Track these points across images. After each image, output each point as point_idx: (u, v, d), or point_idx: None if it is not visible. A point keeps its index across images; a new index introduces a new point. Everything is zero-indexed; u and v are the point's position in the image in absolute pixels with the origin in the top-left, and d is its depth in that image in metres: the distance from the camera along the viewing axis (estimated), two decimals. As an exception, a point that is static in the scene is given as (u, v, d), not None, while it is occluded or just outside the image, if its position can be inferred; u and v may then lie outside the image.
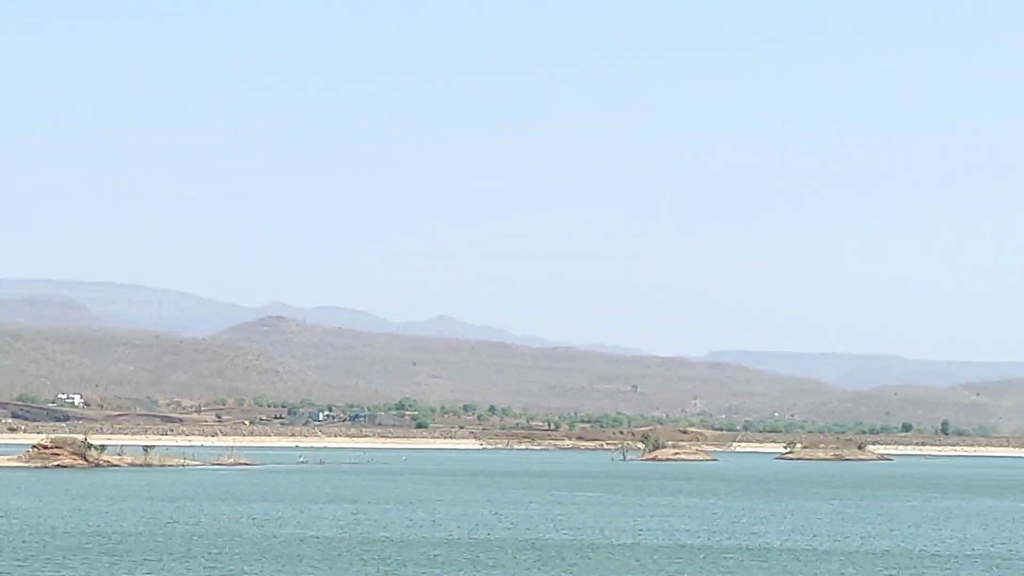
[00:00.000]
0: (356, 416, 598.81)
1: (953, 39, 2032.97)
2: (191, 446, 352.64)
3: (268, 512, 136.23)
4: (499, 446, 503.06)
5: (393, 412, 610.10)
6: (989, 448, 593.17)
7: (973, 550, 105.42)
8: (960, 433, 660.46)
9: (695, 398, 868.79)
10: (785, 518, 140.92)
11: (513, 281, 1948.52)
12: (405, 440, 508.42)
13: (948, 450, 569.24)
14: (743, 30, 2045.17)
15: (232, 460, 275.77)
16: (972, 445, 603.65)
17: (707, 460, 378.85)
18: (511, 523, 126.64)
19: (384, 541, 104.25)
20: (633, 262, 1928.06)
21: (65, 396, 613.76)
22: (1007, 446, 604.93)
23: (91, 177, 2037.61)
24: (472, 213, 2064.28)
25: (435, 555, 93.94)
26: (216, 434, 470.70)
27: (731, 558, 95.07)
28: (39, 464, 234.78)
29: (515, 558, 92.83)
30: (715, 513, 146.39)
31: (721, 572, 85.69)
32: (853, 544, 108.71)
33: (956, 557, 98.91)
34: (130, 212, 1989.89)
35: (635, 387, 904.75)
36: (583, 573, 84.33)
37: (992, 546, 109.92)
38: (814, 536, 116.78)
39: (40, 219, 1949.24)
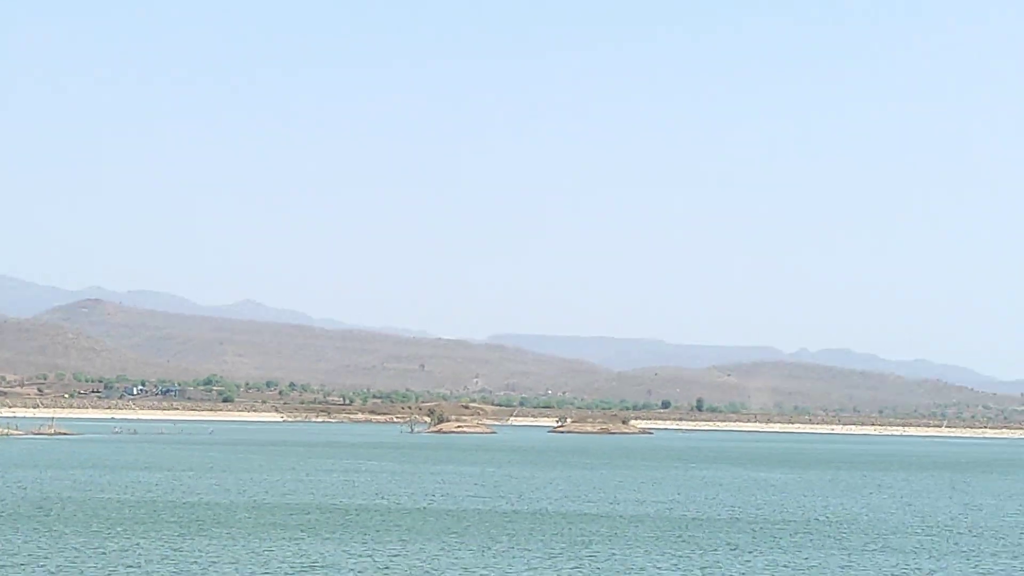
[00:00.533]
0: (167, 391, 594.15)
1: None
2: (14, 417, 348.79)
3: (89, 478, 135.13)
4: (298, 419, 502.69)
5: (201, 387, 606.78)
6: (739, 423, 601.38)
7: (728, 514, 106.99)
8: (713, 410, 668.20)
9: (476, 377, 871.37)
10: (559, 485, 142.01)
11: (313, 268, 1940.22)
12: (212, 413, 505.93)
13: (702, 425, 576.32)
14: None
15: (53, 430, 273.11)
16: (724, 421, 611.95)
17: (487, 433, 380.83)
18: (313, 489, 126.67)
19: (196, 505, 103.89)
20: (422, 252, 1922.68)
21: None
22: (754, 422, 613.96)
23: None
24: (274, 205, 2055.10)
25: (245, 517, 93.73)
26: (38, 406, 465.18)
27: (510, 521, 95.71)
28: None
29: (318, 520, 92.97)
30: (496, 480, 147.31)
31: (501, 534, 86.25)
32: (622, 508, 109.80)
33: (712, 520, 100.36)
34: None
35: (422, 366, 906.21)
36: (378, 534, 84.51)
37: (741, 510, 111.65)
38: (586, 501, 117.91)
39: None
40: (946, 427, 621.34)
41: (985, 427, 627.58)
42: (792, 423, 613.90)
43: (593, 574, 66.77)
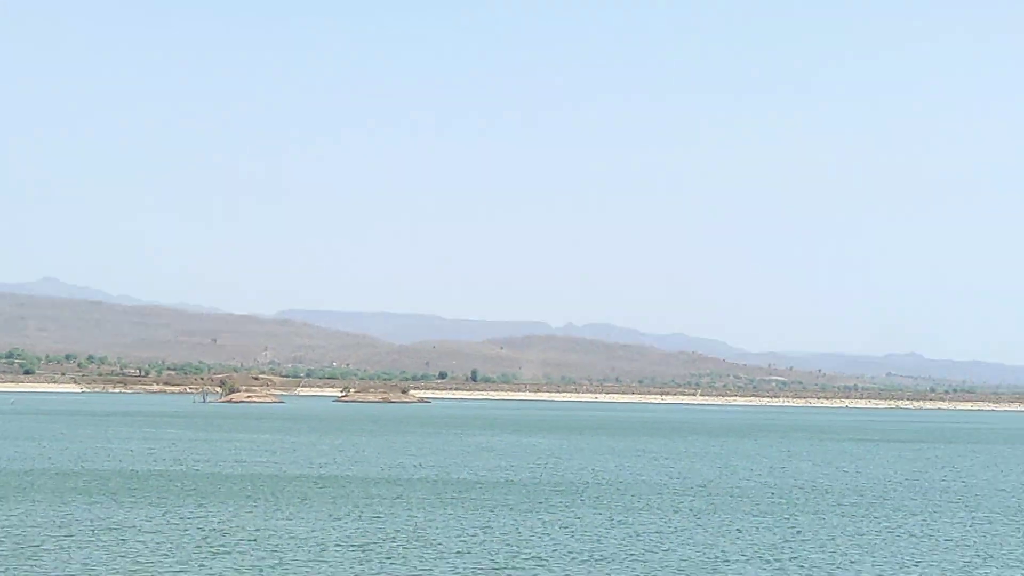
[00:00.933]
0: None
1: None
2: None
3: None
4: (96, 390, 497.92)
5: (3, 360, 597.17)
6: (511, 393, 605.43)
7: (503, 477, 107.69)
8: (487, 380, 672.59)
9: (265, 350, 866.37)
10: (343, 450, 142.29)
11: (108, 246, 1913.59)
12: (14, 384, 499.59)
13: (477, 394, 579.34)
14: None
15: None
16: (497, 390, 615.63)
17: (276, 402, 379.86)
18: (111, 455, 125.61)
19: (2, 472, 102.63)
20: (212, 231, 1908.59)
21: None
22: (525, 391, 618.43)
23: None
24: (70, 185, 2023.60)
25: (48, 483, 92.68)
26: None
27: (298, 484, 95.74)
28: None
29: (118, 485, 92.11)
30: (284, 446, 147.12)
31: (290, 496, 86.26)
32: (401, 472, 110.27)
33: (489, 482, 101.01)
34: None
35: (214, 340, 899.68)
36: (175, 497, 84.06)
37: (514, 472, 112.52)
38: (369, 465, 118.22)
39: None
40: (700, 395, 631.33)
41: (735, 395, 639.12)
42: (560, 392, 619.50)
43: (377, 533, 66.93)
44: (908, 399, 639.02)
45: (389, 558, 58.04)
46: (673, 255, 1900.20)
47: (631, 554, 61.22)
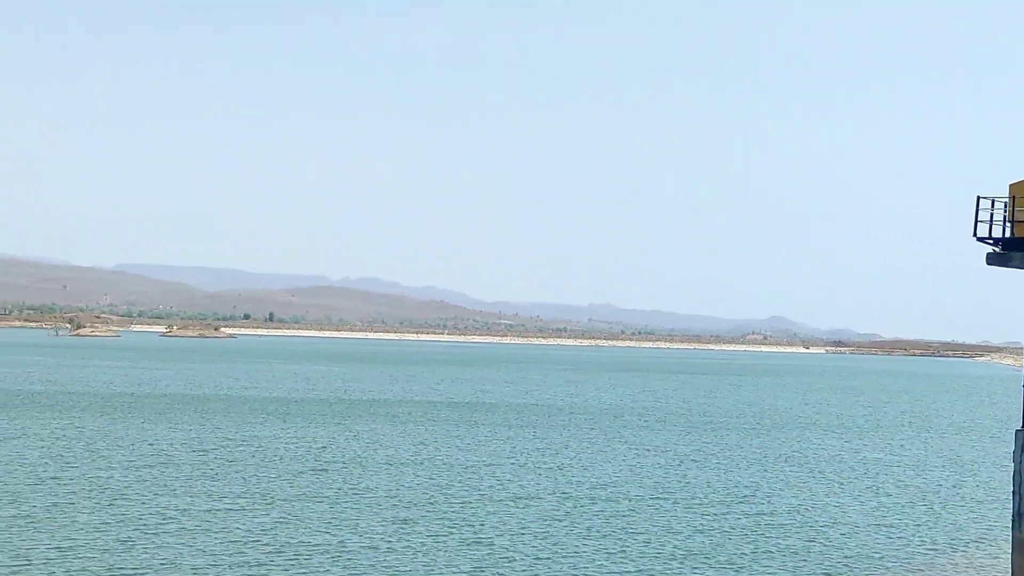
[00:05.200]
0: None
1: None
2: None
3: None
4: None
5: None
6: (298, 331, 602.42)
7: (304, 395, 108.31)
8: (281, 321, 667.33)
9: (106, 295, 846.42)
10: (175, 374, 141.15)
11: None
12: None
13: (273, 332, 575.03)
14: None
15: None
16: (288, 329, 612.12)
17: (115, 336, 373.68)
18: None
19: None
20: (61, 188, 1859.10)
21: None
22: (311, 329, 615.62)
23: None
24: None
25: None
26: None
27: (149, 404, 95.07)
28: None
29: None
30: (124, 373, 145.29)
31: (135, 410, 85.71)
32: (218, 391, 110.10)
33: (294, 400, 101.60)
34: None
35: (64, 286, 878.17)
36: (50, 411, 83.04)
37: (296, 392, 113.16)
38: (197, 387, 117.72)
39: None
40: (447, 334, 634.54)
41: (474, 334, 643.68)
42: (338, 331, 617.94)
43: (211, 434, 67.14)
44: (605, 339, 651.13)
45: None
46: (428, 219, 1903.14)
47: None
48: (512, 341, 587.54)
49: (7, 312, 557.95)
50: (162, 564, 34.04)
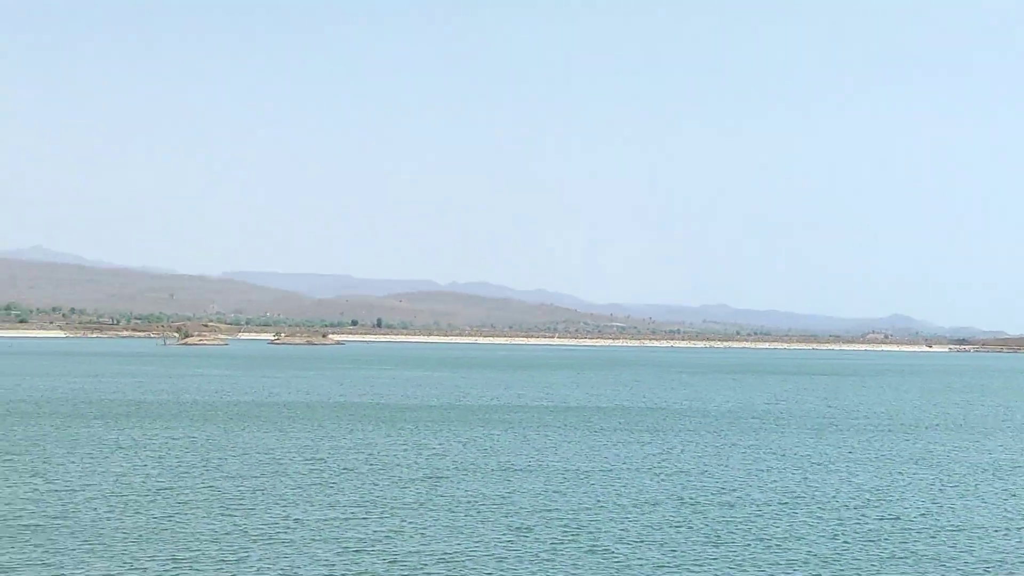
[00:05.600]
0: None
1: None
2: None
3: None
4: (78, 335, 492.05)
5: (2, 312, 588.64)
6: (408, 336, 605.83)
7: (400, 401, 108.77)
8: (389, 326, 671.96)
9: (213, 303, 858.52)
10: (285, 382, 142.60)
11: (88, 218, 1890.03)
12: (10, 331, 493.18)
13: (381, 338, 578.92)
14: None
15: None
16: (397, 335, 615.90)
17: (223, 344, 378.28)
18: (107, 387, 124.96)
19: (22, 401, 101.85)
20: (170, 205, 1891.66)
21: None
22: (420, 335, 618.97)
23: None
24: (58, 164, 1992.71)
25: (65, 411, 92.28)
26: None
27: (260, 412, 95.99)
28: None
29: (115, 411, 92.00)
30: (234, 381, 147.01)
31: (247, 419, 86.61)
32: (328, 398, 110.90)
33: (396, 405, 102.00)
34: None
35: (172, 295, 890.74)
36: (163, 421, 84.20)
37: (425, 399, 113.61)
38: (307, 394, 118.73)
39: None
40: (558, 338, 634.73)
41: (585, 337, 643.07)
42: (447, 336, 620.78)
43: (324, 441, 67.62)
44: (719, 340, 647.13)
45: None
46: (537, 222, 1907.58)
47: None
48: (624, 344, 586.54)
49: (115, 322, 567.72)
50: (278, 575, 34.33)
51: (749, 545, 40.06)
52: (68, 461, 58.80)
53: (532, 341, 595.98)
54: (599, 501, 48.83)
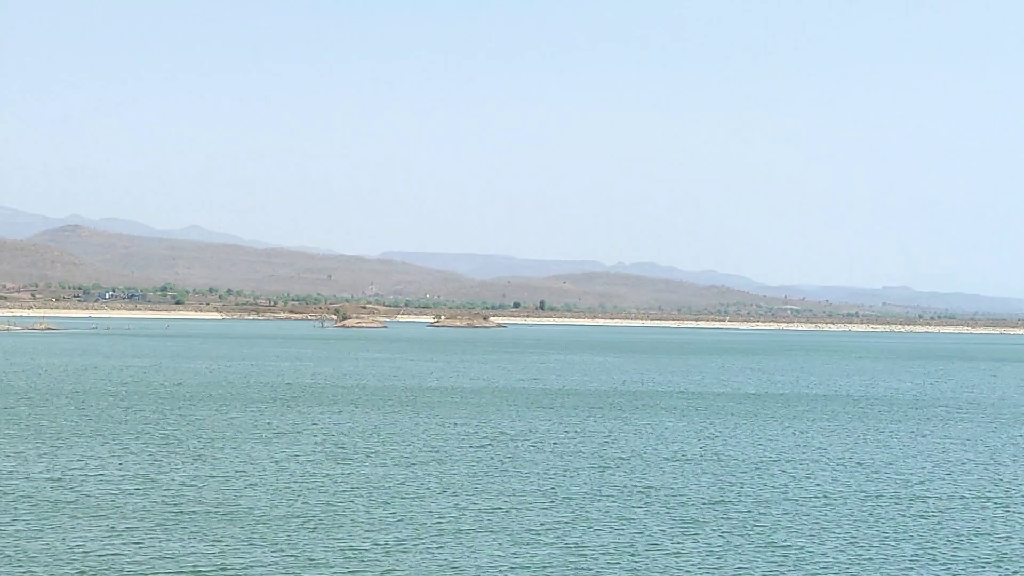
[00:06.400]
0: (132, 296, 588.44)
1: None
2: (13, 316, 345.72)
3: (101, 364, 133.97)
4: (235, 317, 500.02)
5: (158, 293, 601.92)
6: (572, 319, 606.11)
7: (566, 386, 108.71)
8: (552, 309, 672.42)
9: (371, 284, 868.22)
10: (445, 366, 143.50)
11: (243, 198, 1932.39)
12: (167, 312, 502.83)
13: (544, 321, 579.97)
14: None
15: (43, 327, 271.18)
16: (560, 317, 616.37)
17: (380, 327, 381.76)
18: (268, 371, 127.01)
19: (182, 385, 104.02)
20: (327, 183, 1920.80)
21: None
22: (584, 318, 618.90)
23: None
24: (211, 151, 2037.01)
25: (223, 395, 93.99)
26: (31, 308, 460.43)
27: (421, 397, 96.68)
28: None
29: (274, 395, 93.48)
30: (394, 365, 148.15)
31: (409, 404, 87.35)
32: (491, 383, 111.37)
33: (562, 390, 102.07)
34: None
35: (330, 276, 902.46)
36: (323, 406, 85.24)
37: (592, 384, 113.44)
38: (469, 379, 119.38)
39: None
40: (728, 321, 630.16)
41: (757, 321, 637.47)
42: (612, 319, 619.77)
43: (488, 428, 67.96)
44: (900, 324, 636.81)
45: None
46: (707, 199, 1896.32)
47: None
48: (799, 328, 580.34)
49: (272, 303, 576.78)
50: (442, 565, 34.68)
51: (936, 542, 39.44)
52: (228, 446, 59.98)
53: (702, 324, 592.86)
54: (776, 493, 48.48)
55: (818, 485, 51.03)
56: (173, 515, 40.87)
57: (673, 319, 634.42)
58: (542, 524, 40.72)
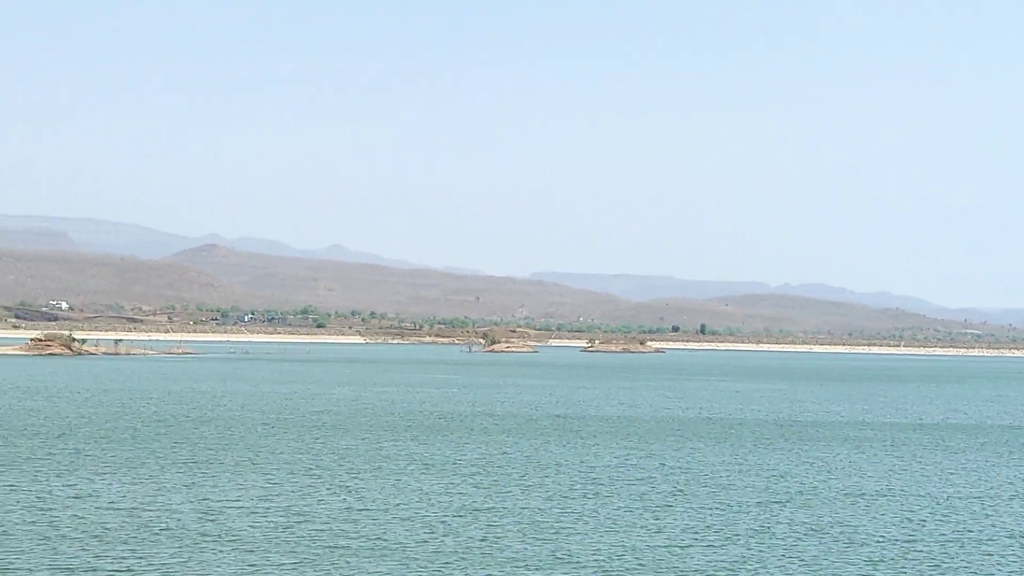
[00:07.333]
0: (271, 318, 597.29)
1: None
2: (149, 340, 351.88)
3: (242, 390, 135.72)
4: (378, 341, 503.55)
5: (299, 316, 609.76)
6: (735, 344, 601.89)
7: (730, 416, 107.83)
8: (714, 333, 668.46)
9: (522, 306, 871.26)
10: (601, 393, 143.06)
11: (386, 218, 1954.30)
12: (308, 336, 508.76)
13: (705, 345, 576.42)
14: None
15: (180, 351, 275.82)
16: (723, 342, 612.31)
17: (531, 352, 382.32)
18: (414, 400, 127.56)
19: (327, 412, 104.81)
20: (475, 203, 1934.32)
21: (55, 302, 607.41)
22: (748, 342, 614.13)
23: (75, 131, 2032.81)
24: (353, 171, 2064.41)
25: (370, 423, 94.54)
26: (168, 331, 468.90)
27: (576, 426, 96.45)
28: (36, 352, 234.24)
29: (422, 424, 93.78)
30: (547, 392, 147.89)
31: (563, 434, 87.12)
32: (651, 412, 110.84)
33: (726, 420, 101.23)
34: (100, 164, 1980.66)
35: (477, 298, 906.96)
36: (474, 435, 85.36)
37: (760, 414, 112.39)
38: (627, 407, 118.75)
39: (38, 163, 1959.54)
40: (903, 347, 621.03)
41: (935, 347, 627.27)
42: (778, 344, 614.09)
43: (649, 459, 67.49)
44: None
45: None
46: (879, 216, 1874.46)
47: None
48: (980, 354, 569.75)
49: (418, 327, 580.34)
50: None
51: None
52: (376, 477, 60.35)
53: (874, 350, 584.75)
54: (964, 533, 47.55)
55: (1010, 524, 49.95)
56: (321, 550, 41.22)
57: (844, 344, 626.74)
58: (708, 564, 40.38)
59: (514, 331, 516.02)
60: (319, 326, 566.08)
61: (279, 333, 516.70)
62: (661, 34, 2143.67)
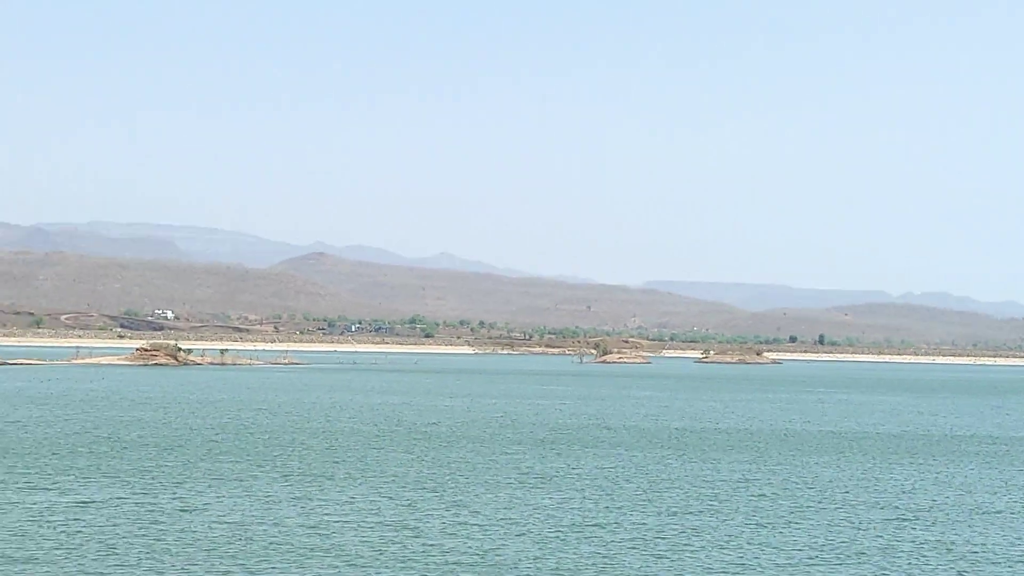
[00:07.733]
0: (379, 328, 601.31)
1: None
2: (255, 350, 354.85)
3: (350, 401, 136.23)
4: (487, 351, 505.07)
5: (407, 325, 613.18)
6: (854, 355, 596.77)
7: (852, 429, 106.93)
8: (833, 343, 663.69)
9: (634, 316, 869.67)
10: (717, 405, 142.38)
11: (497, 226, 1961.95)
12: (416, 346, 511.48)
13: (823, 356, 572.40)
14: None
15: (287, 361, 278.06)
16: (842, 353, 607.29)
17: (643, 363, 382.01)
18: (524, 410, 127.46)
19: (438, 424, 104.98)
20: (587, 211, 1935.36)
21: (161, 312, 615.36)
22: (868, 354, 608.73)
23: (183, 140, 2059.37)
24: (466, 171, 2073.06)
25: (481, 436, 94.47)
26: (274, 341, 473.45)
27: (692, 439, 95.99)
28: (142, 363, 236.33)
29: (535, 436, 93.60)
30: (661, 403, 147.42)
31: (681, 447, 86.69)
32: (768, 424, 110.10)
33: (847, 433, 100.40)
34: (207, 172, 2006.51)
35: (589, 307, 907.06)
36: (587, 448, 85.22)
37: (885, 427, 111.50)
38: (745, 420, 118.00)
39: (143, 176, 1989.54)
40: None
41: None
42: (900, 355, 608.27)
43: (769, 474, 67.03)
44: None
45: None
46: (1004, 223, 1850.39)
47: None
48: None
49: (528, 337, 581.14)
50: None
51: None
52: (489, 491, 60.23)
53: (1001, 361, 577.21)
54: (1100, 553, 46.62)
55: None
56: (434, 566, 41.22)
57: (969, 355, 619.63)
58: (837, 583, 39.94)
59: (626, 341, 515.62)
60: (427, 336, 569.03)
61: (386, 343, 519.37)
62: (786, 31, 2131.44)
